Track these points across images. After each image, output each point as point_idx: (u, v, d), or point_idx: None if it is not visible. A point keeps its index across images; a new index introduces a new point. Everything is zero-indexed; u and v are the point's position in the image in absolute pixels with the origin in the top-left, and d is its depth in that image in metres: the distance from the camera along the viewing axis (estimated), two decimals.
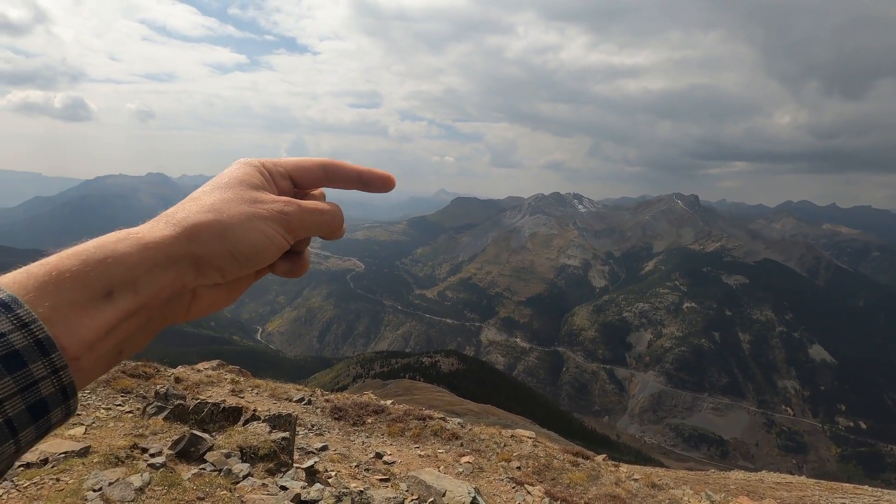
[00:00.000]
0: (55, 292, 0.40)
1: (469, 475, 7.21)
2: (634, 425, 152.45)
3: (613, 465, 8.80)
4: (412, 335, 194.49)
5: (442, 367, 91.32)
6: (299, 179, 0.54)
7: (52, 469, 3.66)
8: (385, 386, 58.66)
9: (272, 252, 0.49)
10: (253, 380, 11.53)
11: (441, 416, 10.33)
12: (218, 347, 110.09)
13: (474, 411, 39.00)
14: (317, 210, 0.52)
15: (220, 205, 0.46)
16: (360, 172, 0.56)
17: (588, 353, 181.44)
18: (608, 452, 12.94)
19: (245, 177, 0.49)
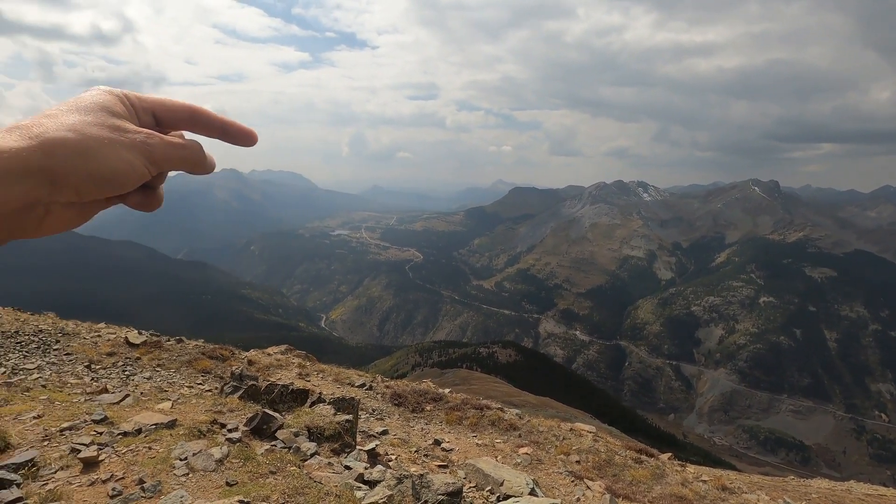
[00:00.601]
0: None
1: (527, 466, 7.18)
2: (703, 425, 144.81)
3: (679, 464, 8.43)
4: (469, 325, 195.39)
5: (499, 357, 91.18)
6: (162, 118, 0.55)
7: (145, 438, 4.05)
8: (443, 375, 59.50)
9: (132, 180, 0.49)
10: (318, 364, 12.10)
11: (499, 407, 10.34)
12: (286, 333, 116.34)
13: (532, 403, 38.67)
14: (179, 144, 0.53)
15: (81, 126, 0.47)
16: (224, 122, 0.57)
17: (652, 348, 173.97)
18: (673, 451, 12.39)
19: (107, 103, 0.50)
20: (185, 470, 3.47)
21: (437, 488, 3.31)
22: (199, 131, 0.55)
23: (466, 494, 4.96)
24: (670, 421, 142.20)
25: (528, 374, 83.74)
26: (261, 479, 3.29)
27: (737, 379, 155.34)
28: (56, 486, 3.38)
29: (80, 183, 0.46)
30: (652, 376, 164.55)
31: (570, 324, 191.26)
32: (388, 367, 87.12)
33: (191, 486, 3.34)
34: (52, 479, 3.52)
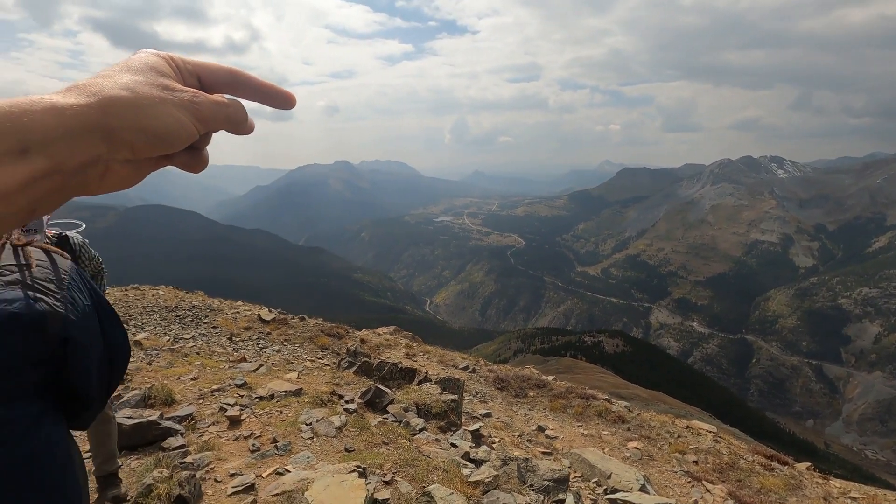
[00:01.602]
0: None
1: (637, 461, 6.83)
2: (851, 435, 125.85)
3: (821, 476, 7.44)
4: (573, 313, 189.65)
5: (606, 347, 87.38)
6: (206, 80, 0.56)
7: (277, 403, 4.55)
8: (545, 362, 58.63)
9: (182, 137, 0.50)
10: (424, 346, 12.62)
11: (605, 398, 9.94)
12: (393, 315, 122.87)
13: (642, 397, 36.61)
14: (224, 103, 0.54)
15: (134, 85, 0.48)
16: (263, 86, 0.58)
17: (787, 345, 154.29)
18: (813, 461, 10.94)
19: (155, 64, 0.51)
20: (309, 434, 3.85)
21: (543, 474, 3.28)
22: (241, 94, 0.56)
23: (572, 483, 4.86)
24: (808, 427, 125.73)
25: (638, 366, 79.23)
26: (375, 449, 3.55)
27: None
28: (209, 439, 3.96)
29: (135, 139, 0.47)
30: (786, 376, 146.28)
31: (687, 314, 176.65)
32: (489, 351, 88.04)
33: (315, 449, 3.71)
34: (206, 432, 4.12)
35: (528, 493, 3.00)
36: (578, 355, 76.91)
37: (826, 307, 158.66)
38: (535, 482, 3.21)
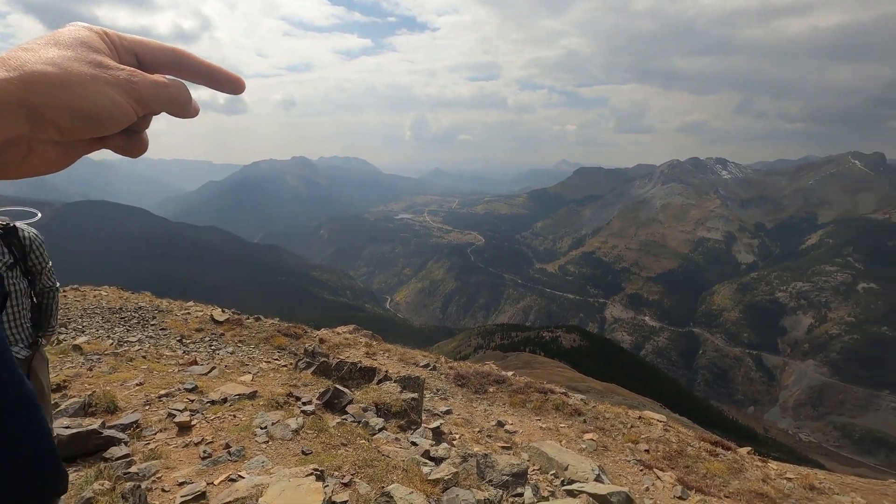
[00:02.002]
0: None
1: (592, 452, 7.04)
2: (787, 420, 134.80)
3: (760, 460, 7.92)
4: (532, 309, 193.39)
5: (563, 342, 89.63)
6: (144, 59, 0.51)
7: (230, 407, 4.39)
8: (505, 358, 59.51)
9: (116, 119, 0.46)
10: (384, 344, 12.52)
11: (563, 391, 10.19)
12: (353, 314, 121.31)
13: (598, 389, 37.81)
14: (164, 83, 0.49)
15: (62, 61, 0.43)
16: (211, 68, 0.53)
17: (730, 337, 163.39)
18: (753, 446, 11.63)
19: (87, 39, 0.47)
20: (265, 438, 3.73)
21: (502, 469, 3.33)
22: (184, 76, 0.51)
23: (530, 477, 4.95)
24: (749, 414, 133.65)
25: (594, 359, 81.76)
26: (333, 450, 3.48)
27: (828, 372, 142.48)
28: (156, 446, 3.76)
29: (63, 119, 0.43)
30: (729, 366, 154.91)
31: (639, 309, 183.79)
32: (450, 348, 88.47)
33: (270, 453, 3.60)
34: (153, 440, 3.92)
35: (488, 489, 3.03)
36: (537, 350, 78.50)
37: (765, 300, 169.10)
38: (494, 477, 3.25)
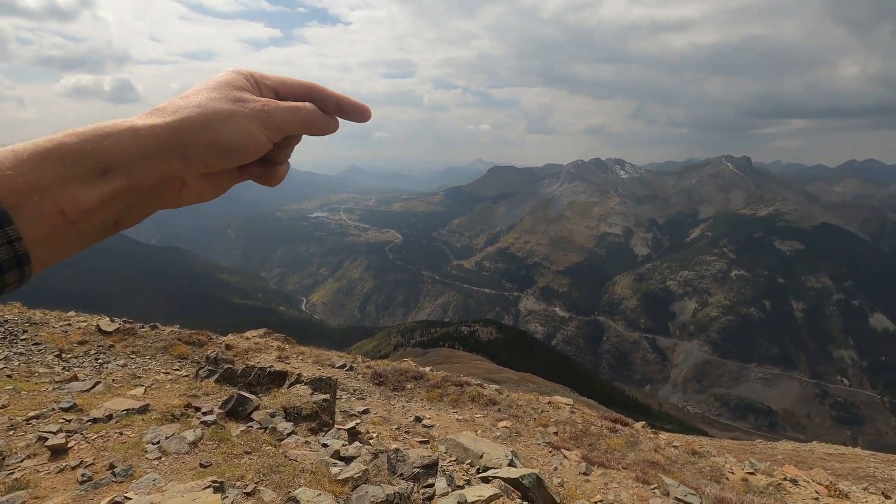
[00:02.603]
0: (57, 165, 0.45)
1: (506, 439, 7.33)
2: (677, 395, 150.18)
3: (653, 432, 8.73)
4: (451, 305, 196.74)
5: (481, 336, 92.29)
6: (283, 95, 0.60)
7: (116, 424, 3.97)
8: (425, 354, 60.00)
9: (251, 148, 0.55)
10: (298, 347, 12.04)
11: (479, 383, 10.49)
12: (265, 317, 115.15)
13: (513, 379, 39.42)
14: (295, 107, 0.58)
15: (207, 102, 0.53)
16: (339, 99, 0.62)
17: (629, 323, 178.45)
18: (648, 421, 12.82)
19: (231, 80, 0.56)
20: (157, 454, 3.42)
21: (413, 462, 3.35)
22: (318, 107, 0.60)
23: (447, 468, 5.04)
24: (646, 392, 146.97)
25: (509, 351, 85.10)
26: (235, 460, 3.28)
27: (709, 350, 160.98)
28: (23, 475, 3.30)
29: (207, 154, 0.52)
30: (629, 350, 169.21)
31: (550, 301, 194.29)
32: (370, 348, 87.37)
33: (164, 469, 3.31)
34: (19, 468, 3.43)
35: (399, 483, 3.03)
36: (456, 345, 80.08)
37: (658, 289, 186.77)
38: (405, 471, 3.26)
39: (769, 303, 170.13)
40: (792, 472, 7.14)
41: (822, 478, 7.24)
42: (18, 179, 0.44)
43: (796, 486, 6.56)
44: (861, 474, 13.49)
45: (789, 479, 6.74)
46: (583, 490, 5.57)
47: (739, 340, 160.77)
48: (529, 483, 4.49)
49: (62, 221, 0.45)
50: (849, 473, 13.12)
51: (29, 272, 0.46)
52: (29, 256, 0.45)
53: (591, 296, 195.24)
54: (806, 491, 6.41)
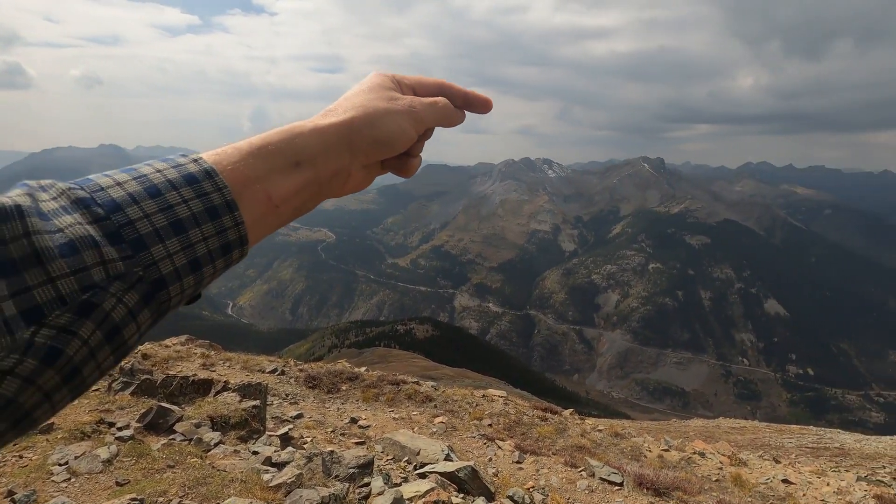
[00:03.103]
0: (266, 159, 0.54)
1: (443, 434, 7.45)
2: (602, 382, 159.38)
3: (580, 418, 9.23)
4: (386, 304, 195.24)
5: (417, 334, 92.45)
6: (420, 93, 0.70)
7: (14, 447, 3.59)
8: (360, 355, 59.11)
9: (403, 141, 0.65)
10: (224, 353, 11.42)
11: (415, 381, 10.53)
12: (187, 323, 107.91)
13: (449, 375, 39.92)
14: (433, 101, 0.68)
15: (367, 102, 0.63)
16: (466, 94, 0.73)
17: (558, 315, 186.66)
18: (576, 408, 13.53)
19: (381, 82, 0.66)
20: (65, 475, 3.14)
21: (349, 462, 3.33)
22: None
23: (383, 467, 5.04)
24: (575, 381, 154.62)
25: (445, 347, 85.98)
26: (157, 475, 3.08)
27: (630, 338, 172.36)
28: None
29: (368, 148, 0.62)
30: (558, 341, 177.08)
31: (484, 297, 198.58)
32: (302, 350, 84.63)
33: (74, 491, 3.04)
34: None
35: (334, 484, 3.01)
36: (392, 344, 79.64)
37: (584, 282, 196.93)
38: (340, 472, 3.24)
39: (681, 293, 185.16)
40: (700, 447, 7.86)
41: (726, 449, 8.04)
42: (241, 171, 0.52)
43: (704, 458, 7.23)
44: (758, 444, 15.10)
45: (698, 453, 7.43)
46: (516, 478, 5.80)
47: (656, 328, 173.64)
48: (465, 475, 4.61)
49: (269, 207, 0.54)
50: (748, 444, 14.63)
51: (247, 251, 0.54)
52: (248, 237, 0.52)
53: (523, 291, 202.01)
54: (712, 462, 7.09)
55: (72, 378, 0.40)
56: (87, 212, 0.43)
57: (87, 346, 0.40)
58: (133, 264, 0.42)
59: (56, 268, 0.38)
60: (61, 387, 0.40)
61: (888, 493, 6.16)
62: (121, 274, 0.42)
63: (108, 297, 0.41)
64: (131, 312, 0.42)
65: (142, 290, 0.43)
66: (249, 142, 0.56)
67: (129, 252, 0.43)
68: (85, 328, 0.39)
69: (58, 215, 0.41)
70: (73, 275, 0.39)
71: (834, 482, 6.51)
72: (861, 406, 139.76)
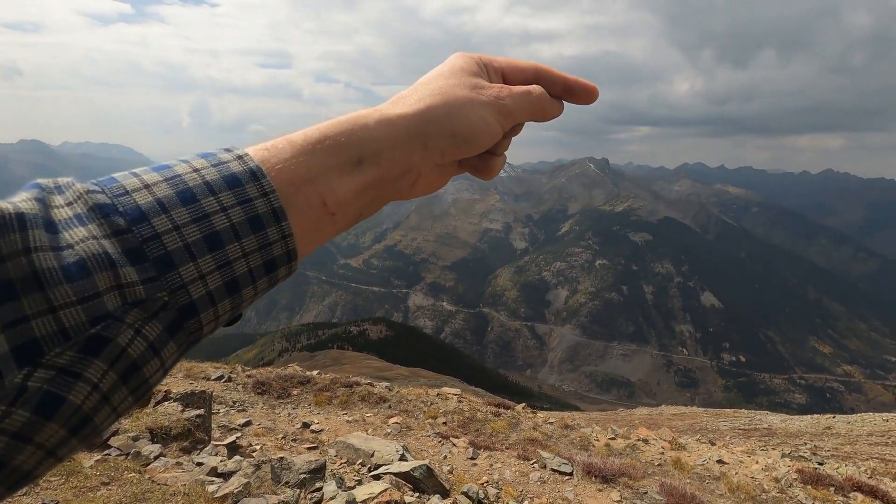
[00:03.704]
0: (322, 155, 0.44)
1: (397, 434, 7.42)
2: (554, 376, 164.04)
3: (532, 412, 9.46)
4: (339, 305, 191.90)
5: (370, 334, 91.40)
6: (510, 77, 0.58)
7: None
8: (313, 358, 57.78)
9: (487, 137, 0.53)
10: None
11: (368, 382, 10.42)
12: None
13: (404, 375, 39.78)
14: (526, 91, 0.55)
15: (447, 89, 0.51)
16: (567, 80, 0.59)
17: (511, 312, 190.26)
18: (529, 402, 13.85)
19: (465, 65, 0.54)
20: None
21: (299, 468, 3.26)
22: (545, 88, 0.58)
23: (337, 470, 4.96)
24: (527, 376, 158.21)
25: (400, 347, 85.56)
26: (90, 493, 2.88)
27: (580, 332, 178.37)
28: None
29: (446, 144, 0.50)
30: (511, 338, 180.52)
31: (438, 296, 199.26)
32: (251, 356, 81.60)
33: None
34: None
35: (284, 491, 2.93)
36: (345, 346, 78.38)
37: (535, 279, 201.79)
38: (291, 479, 3.16)
39: (626, 288, 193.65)
40: (644, 434, 8.27)
41: (667, 435, 8.50)
42: (292, 171, 0.43)
43: (647, 444, 7.61)
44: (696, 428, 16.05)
45: (642, 440, 7.80)
46: (471, 474, 5.88)
47: (603, 322, 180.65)
48: (420, 475, 4.62)
49: (324, 214, 0.45)
50: (687, 429, 15.52)
51: (295, 266, 0.45)
52: (296, 252, 0.43)
53: (476, 289, 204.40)
54: (654, 448, 7.48)
55: (80, 428, 0.32)
56: (105, 222, 0.34)
57: (98, 391, 0.32)
58: (157, 288, 0.34)
59: (60, 294, 0.30)
60: (68, 440, 0.32)
61: (808, 467, 6.72)
62: (140, 300, 0.34)
63: (124, 329, 0.33)
64: (153, 346, 0.34)
65: (167, 319, 0.35)
66: (305, 134, 0.46)
67: (153, 273, 0.34)
68: (93, 368, 0.31)
69: (70, 226, 0.33)
70: (81, 304, 0.31)
71: (762, 460, 7.03)
72: (786, 389, 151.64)
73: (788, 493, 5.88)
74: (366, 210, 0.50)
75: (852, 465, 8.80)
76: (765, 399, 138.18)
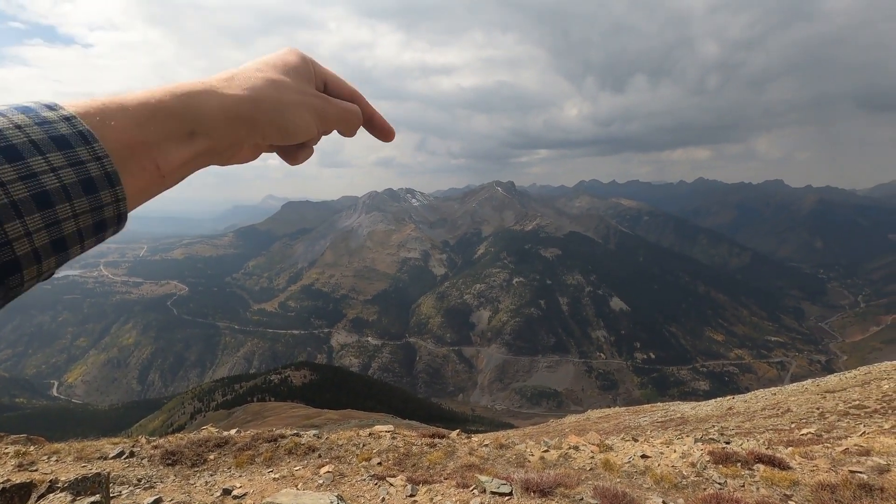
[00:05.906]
0: (159, 123, 0.48)
1: (330, 484, 7.01)
2: (485, 397, 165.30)
3: (466, 437, 9.44)
4: (255, 354, 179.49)
5: (293, 381, 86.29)
6: (331, 89, 0.68)
7: None
8: (231, 415, 53.21)
9: (305, 136, 0.63)
10: (49, 445, 9.41)
11: (294, 433, 9.79)
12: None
13: (334, 419, 37.90)
14: (344, 107, 0.66)
15: (282, 85, 0.60)
16: (374, 114, 0.71)
17: (437, 339, 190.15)
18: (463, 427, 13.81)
19: (299, 66, 0.63)
20: None
21: None
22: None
23: None
24: (460, 400, 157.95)
25: (327, 390, 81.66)
26: None
27: (505, 350, 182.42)
28: None
29: (269, 132, 0.59)
30: (440, 364, 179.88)
31: (362, 331, 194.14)
32: (158, 423, 73.21)
33: None
34: None
35: None
36: (267, 396, 73.27)
37: (457, 304, 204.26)
38: None
39: (543, 302, 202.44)
40: (574, 441, 8.57)
41: (595, 439, 8.88)
42: (128, 135, 0.46)
43: (578, 451, 7.90)
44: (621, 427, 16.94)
45: (572, 448, 8.08)
46: None
47: (526, 338, 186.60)
48: None
49: (156, 176, 0.49)
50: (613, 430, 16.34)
51: (123, 226, 0.48)
52: (127, 214, 0.47)
53: (400, 320, 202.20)
54: (584, 453, 7.77)
55: None
56: None
57: None
58: None
59: None
60: None
61: (717, 448, 7.36)
62: None
63: None
64: None
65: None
66: (137, 98, 0.49)
67: None
68: None
69: None
70: None
71: (679, 448, 7.58)
72: (692, 378, 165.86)
73: (704, 475, 6.38)
74: (190, 173, 0.56)
75: (752, 439, 9.78)
76: (676, 390, 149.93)
